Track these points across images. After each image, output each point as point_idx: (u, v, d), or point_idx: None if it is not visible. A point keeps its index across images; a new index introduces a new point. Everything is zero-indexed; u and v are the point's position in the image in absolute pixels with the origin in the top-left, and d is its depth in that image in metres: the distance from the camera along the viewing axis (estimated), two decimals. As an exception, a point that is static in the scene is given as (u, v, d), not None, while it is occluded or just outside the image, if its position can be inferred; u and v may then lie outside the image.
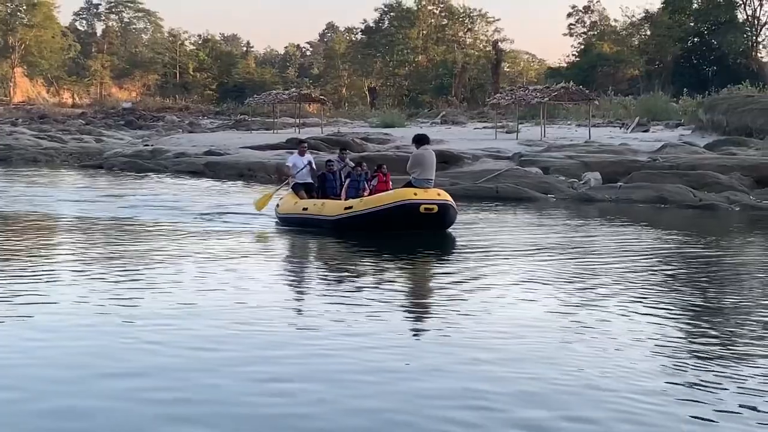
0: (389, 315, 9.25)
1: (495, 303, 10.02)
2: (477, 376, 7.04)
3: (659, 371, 7.23)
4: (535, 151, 32.06)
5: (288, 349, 7.79)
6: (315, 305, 9.81)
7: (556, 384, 6.83)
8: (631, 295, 10.46)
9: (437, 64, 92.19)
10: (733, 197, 22.35)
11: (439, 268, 12.71)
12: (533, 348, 7.93)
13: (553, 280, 11.55)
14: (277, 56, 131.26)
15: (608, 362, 7.46)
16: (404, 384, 6.79)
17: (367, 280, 11.48)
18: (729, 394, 6.63)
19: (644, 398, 6.51)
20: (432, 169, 16.05)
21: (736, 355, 7.80)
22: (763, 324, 9.03)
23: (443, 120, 61.50)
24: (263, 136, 47.05)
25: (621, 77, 78.11)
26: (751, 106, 37.17)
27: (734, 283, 11.68)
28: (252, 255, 13.74)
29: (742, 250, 14.96)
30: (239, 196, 24.74)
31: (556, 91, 43.28)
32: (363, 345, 7.92)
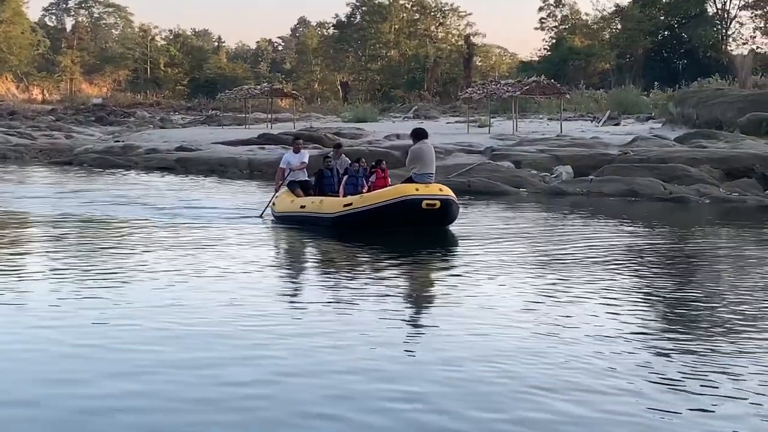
0: (381, 313, 9.21)
1: (478, 299, 10.03)
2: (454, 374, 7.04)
3: (633, 364, 7.26)
4: (507, 145, 32.11)
5: (279, 349, 7.76)
6: (309, 304, 9.71)
7: (528, 382, 6.85)
8: (602, 289, 10.51)
9: (409, 59, 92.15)
10: (703, 190, 22.49)
11: (427, 265, 12.68)
12: (507, 344, 7.94)
13: (526, 275, 11.57)
14: (248, 51, 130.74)
15: (582, 356, 7.48)
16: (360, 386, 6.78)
17: (362, 279, 11.38)
18: (700, 387, 6.67)
19: (619, 394, 6.54)
20: (432, 163, 15.79)
21: (709, 347, 7.84)
22: (737, 315, 9.10)
23: (416, 114, 61.47)
24: (235, 131, 46.87)
25: (592, 71, 78.39)
26: (720, 99, 37.40)
27: (705, 276, 11.75)
28: (250, 253, 13.47)
29: (712, 243, 15.05)
30: (217, 191, 24.62)
31: (528, 85, 43.37)
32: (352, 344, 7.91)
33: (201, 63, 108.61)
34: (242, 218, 17.84)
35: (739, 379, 6.85)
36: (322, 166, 17.51)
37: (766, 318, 9.12)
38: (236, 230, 16.11)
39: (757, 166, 24.10)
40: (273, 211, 17.54)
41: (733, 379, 6.87)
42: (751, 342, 8.04)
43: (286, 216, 16.94)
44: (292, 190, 17.54)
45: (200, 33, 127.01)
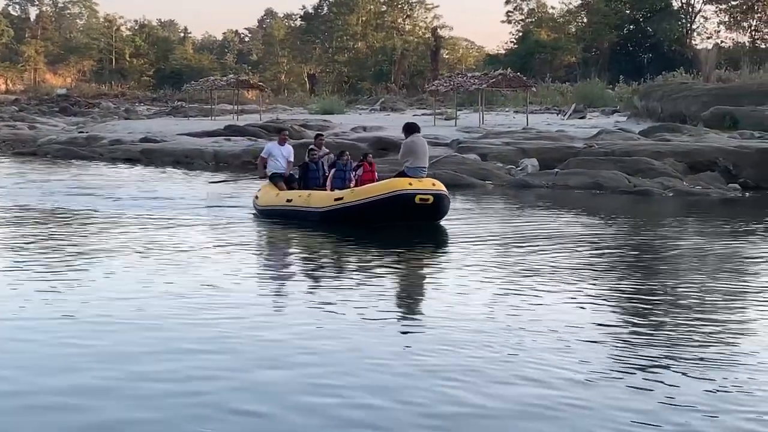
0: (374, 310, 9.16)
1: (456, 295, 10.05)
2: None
3: (594, 357, 7.30)
4: (473, 138, 32.17)
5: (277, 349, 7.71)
6: (300, 300, 9.61)
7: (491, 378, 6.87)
8: (566, 282, 10.56)
9: (377, 51, 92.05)
10: (666, 183, 22.66)
11: (414, 261, 12.68)
12: (479, 340, 7.96)
13: (492, 269, 11.60)
14: (215, 42, 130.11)
15: (542, 348, 7.52)
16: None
17: (352, 274, 11.28)
18: (663, 380, 6.71)
19: (575, 385, 6.57)
20: (425, 156, 15.56)
21: (671, 340, 7.90)
22: (701, 307, 9.17)
23: (382, 107, 61.45)
24: (201, 122, 46.62)
25: (558, 64, 78.68)
26: (685, 92, 37.68)
27: (668, 269, 11.84)
28: (236, 248, 13.27)
29: (675, 236, 15.16)
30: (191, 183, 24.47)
31: (494, 78, 43.48)
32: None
33: (167, 54, 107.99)
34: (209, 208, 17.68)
35: (702, 372, 6.91)
36: (307, 159, 16.96)
37: (726, 309, 9.21)
38: (217, 225, 15.75)
39: (720, 160, 24.31)
40: (255, 204, 17.07)
41: (699, 370, 6.93)
42: (712, 334, 8.11)
43: (270, 210, 16.47)
44: (274, 183, 17.03)
45: (166, 24, 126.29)
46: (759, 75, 44.93)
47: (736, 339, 8.00)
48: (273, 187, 16.98)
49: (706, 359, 7.21)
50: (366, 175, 16.27)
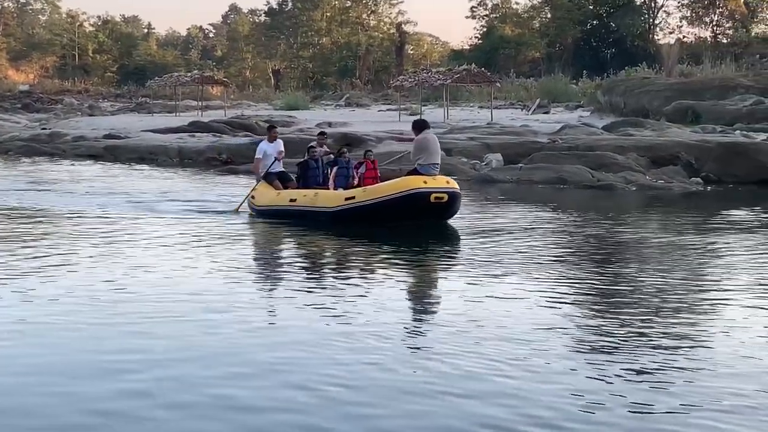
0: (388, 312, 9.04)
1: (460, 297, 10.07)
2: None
3: (556, 352, 7.37)
4: (437, 133, 32.22)
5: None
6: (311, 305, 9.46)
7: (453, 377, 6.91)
8: (532, 278, 10.64)
9: (341, 47, 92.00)
10: (629, 177, 22.84)
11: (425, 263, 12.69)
12: (444, 338, 8.01)
13: (458, 266, 11.67)
14: (179, 38, 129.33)
15: (508, 346, 7.58)
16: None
17: (366, 276, 11.12)
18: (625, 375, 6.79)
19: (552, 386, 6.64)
20: (437, 153, 15.18)
21: (632, 335, 7.99)
22: (661, 301, 9.28)
23: (347, 102, 61.49)
24: (165, 119, 46.41)
25: (522, 59, 79.03)
26: (647, 87, 38.04)
27: (631, 262, 11.97)
28: (246, 248, 13.17)
29: (640, 229, 15.31)
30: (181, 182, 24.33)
31: (459, 74, 43.65)
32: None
33: (130, 50, 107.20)
34: (217, 213, 16.92)
35: (666, 366, 7.00)
36: (307, 157, 16.37)
37: (686, 302, 9.33)
38: (219, 226, 15.25)
39: (682, 154, 24.55)
40: (252, 204, 16.43)
41: (662, 366, 7.02)
42: (672, 326, 8.21)
43: (271, 210, 15.84)
44: (269, 182, 16.40)
45: (129, 19, 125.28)
46: (720, 70, 45.41)
47: (694, 327, 8.11)
48: (268, 186, 16.37)
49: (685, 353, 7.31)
50: (369, 173, 15.85)
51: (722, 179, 23.52)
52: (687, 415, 5.82)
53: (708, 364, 6.93)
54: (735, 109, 32.80)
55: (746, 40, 64.74)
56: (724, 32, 70.95)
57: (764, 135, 27.87)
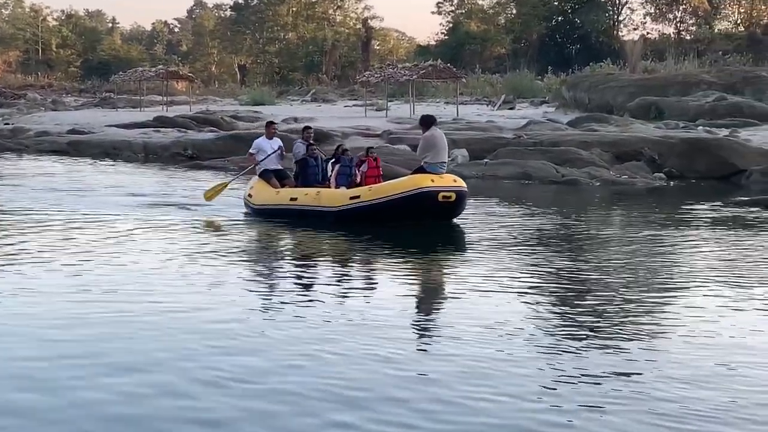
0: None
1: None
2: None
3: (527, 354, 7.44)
4: (404, 129, 32.33)
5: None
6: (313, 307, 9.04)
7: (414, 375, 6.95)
8: (496, 273, 10.71)
9: (307, 42, 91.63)
10: (594, 172, 23.01)
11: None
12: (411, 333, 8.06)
13: (427, 261, 11.72)
14: (144, 33, 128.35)
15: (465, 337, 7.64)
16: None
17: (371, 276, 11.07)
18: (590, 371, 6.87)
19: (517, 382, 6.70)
20: (445, 151, 14.69)
21: (593, 326, 8.07)
22: (625, 295, 9.39)
23: (313, 98, 61.32)
24: (130, 114, 46.10)
25: (488, 55, 79.11)
26: (611, 83, 38.31)
27: (596, 257, 12.07)
28: (249, 250, 12.98)
29: (604, 225, 15.44)
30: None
31: (425, 69, 43.75)
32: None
33: (94, 44, 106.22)
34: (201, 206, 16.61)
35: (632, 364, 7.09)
36: (305, 154, 15.80)
37: (649, 296, 9.44)
38: (217, 225, 14.91)
39: (645, 150, 24.76)
40: (249, 203, 16.01)
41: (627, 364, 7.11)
42: (633, 321, 8.31)
43: (270, 209, 15.42)
44: (266, 180, 15.93)
45: (93, 14, 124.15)
46: (683, 66, 45.77)
47: (654, 318, 8.21)
48: (265, 184, 15.93)
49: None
50: (371, 171, 15.39)
51: (685, 175, 23.75)
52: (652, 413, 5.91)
53: (666, 360, 7.04)
54: (698, 105, 33.12)
55: (709, 36, 65.28)
56: (688, 29, 71.48)
57: (726, 131, 28.19)
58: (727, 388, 6.33)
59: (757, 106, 32.27)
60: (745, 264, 11.36)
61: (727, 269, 10.97)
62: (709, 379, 6.51)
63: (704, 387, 6.34)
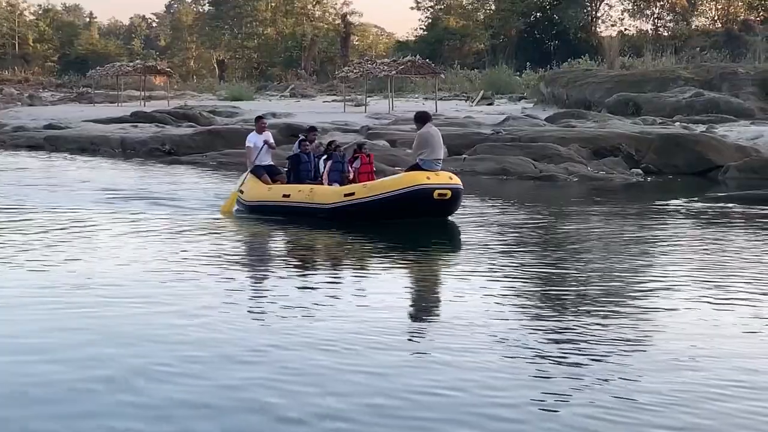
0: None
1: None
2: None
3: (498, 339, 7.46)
4: (382, 124, 32.37)
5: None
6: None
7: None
8: (475, 268, 10.74)
9: (286, 37, 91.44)
10: (571, 168, 23.09)
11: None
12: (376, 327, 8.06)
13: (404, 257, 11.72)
14: (121, 27, 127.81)
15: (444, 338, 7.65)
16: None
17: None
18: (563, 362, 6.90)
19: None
20: (441, 148, 14.47)
21: (570, 319, 8.10)
22: (604, 289, 9.43)
23: (292, 93, 61.22)
24: (107, 109, 45.95)
25: (467, 51, 79.19)
26: (590, 79, 38.46)
27: (573, 252, 12.12)
28: (244, 249, 12.80)
29: (582, 221, 15.50)
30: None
31: (403, 65, 43.80)
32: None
33: (72, 39, 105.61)
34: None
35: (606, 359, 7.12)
36: (298, 150, 15.58)
37: (626, 291, 9.49)
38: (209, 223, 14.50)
39: (622, 145, 24.86)
40: (241, 199, 15.70)
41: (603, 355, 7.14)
42: (610, 315, 8.35)
43: (262, 206, 15.22)
44: (258, 176, 15.71)
45: (71, 8, 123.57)
46: (661, 62, 46.00)
47: (634, 309, 8.26)
48: (257, 180, 15.68)
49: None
50: (364, 167, 15.32)
51: (662, 170, 23.88)
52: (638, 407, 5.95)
53: (645, 354, 7.08)
54: (675, 101, 33.29)
55: (686, 33, 65.57)
56: (665, 25, 71.72)
57: (703, 127, 28.35)
58: (706, 377, 6.40)
59: (733, 102, 32.48)
60: (721, 259, 11.43)
61: (704, 265, 11.04)
62: (688, 370, 6.56)
63: (683, 376, 6.40)
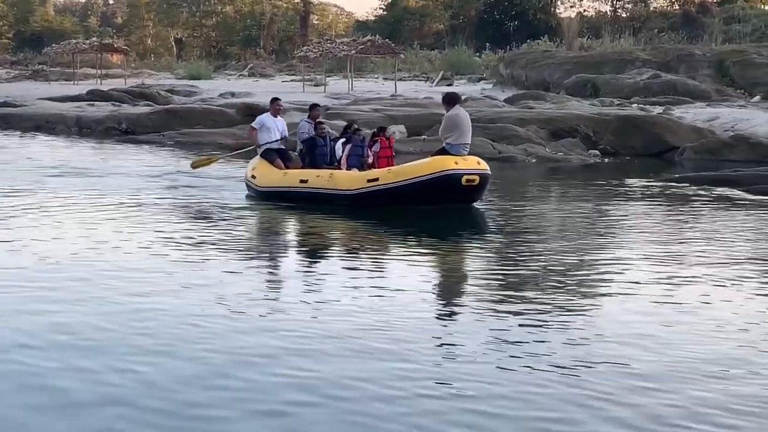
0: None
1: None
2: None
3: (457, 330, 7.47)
4: (342, 104, 32.22)
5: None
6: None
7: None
8: (436, 252, 10.74)
9: (245, 16, 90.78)
10: (530, 149, 23.16)
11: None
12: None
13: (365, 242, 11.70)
14: (77, 4, 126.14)
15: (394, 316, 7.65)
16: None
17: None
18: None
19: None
20: (469, 132, 13.81)
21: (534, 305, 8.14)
22: (563, 271, 9.48)
23: (251, 72, 60.86)
24: (63, 87, 45.40)
25: (427, 31, 79.09)
26: (548, 60, 38.59)
27: (532, 233, 12.18)
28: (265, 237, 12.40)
29: (540, 201, 15.58)
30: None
31: (363, 45, 43.69)
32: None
33: (27, 16, 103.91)
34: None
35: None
36: (314, 133, 14.79)
37: (585, 271, 9.55)
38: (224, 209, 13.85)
39: (581, 127, 24.98)
40: (253, 184, 14.95)
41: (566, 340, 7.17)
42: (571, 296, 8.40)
43: (277, 191, 14.41)
44: (269, 161, 14.88)
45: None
46: (619, 44, 46.22)
47: (591, 289, 8.32)
48: (269, 164, 14.89)
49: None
50: (383, 151, 14.66)
51: (619, 151, 24.04)
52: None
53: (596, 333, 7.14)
54: (633, 82, 33.48)
55: (645, 14, 65.93)
56: (624, 6, 72.00)
57: (660, 108, 28.55)
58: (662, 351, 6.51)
59: (690, 84, 32.74)
60: (675, 238, 11.60)
61: (659, 244, 11.18)
62: (647, 343, 6.67)
63: (643, 351, 6.54)
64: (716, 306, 8.02)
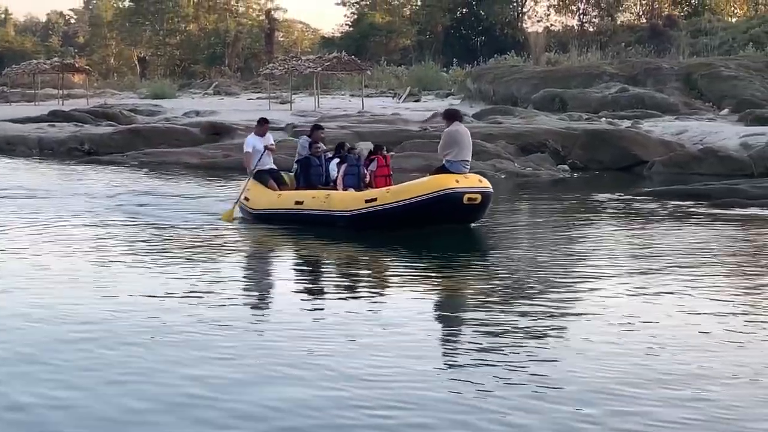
0: None
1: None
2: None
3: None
4: (308, 122, 31.85)
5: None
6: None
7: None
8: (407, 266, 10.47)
9: (209, 33, 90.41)
10: (498, 165, 22.97)
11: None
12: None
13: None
14: (38, 24, 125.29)
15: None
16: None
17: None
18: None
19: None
20: (469, 149, 13.64)
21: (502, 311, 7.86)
22: (537, 282, 9.23)
23: (216, 91, 60.42)
24: (24, 108, 44.78)
25: (393, 47, 79.11)
26: (516, 75, 38.51)
27: (505, 248, 12.01)
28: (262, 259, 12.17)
29: (510, 216, 15.40)
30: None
31: (329, 61, 43.45)
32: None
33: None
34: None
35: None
36: (308, 153, 14.41)
37: (559, 284, 9.33)
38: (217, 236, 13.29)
39: (549, 142, 24.86)
40: (246, 207, 14.53)
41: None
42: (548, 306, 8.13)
43: (272, 214, 14.05)
44: (263, 182, 14.51)
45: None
46: (587, 58, 46.31)
47: (563, 304, 8.06)
48: (262, 186, 14.49)
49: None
50: (381, 170, 14.29)
51: (588, 166, 23.97)
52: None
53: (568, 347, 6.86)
54: (600, 96, 33.42)
55: (612, 28, 66.22)
56: (591, 20, 72.38)
57: (628, 122, 28.48)
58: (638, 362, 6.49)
59: (658, 98, 32.70)
60: (645, 253, 11.63)
61: (629, 258, 11.23)
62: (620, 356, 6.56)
63: (617, 363, 6.57)
64: (685, 320, 7.98)
